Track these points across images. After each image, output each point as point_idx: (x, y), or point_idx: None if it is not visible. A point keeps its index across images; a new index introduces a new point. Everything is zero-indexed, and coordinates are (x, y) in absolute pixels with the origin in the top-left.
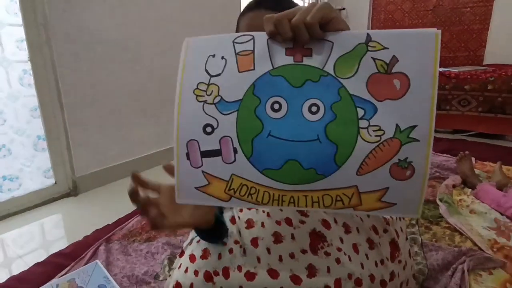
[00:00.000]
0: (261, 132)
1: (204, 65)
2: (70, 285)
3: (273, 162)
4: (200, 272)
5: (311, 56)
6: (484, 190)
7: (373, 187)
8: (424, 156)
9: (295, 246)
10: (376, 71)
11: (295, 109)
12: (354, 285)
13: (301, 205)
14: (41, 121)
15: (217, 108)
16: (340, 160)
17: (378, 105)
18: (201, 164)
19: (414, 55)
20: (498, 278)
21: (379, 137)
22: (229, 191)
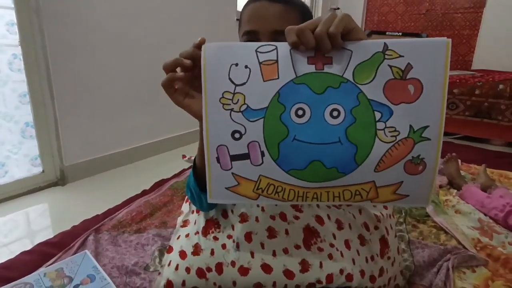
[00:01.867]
0: (287, 137)
1: (228, 74)
2: (58, 274)
3: (298, 163)
4: (192, 269)
5: (331, 64)
6: (469, 191)
7: (389, 182)
8: (435, 152)
9: (289, 241)
10: (392, 77)
11: (317, 114)
12: (345, 280)
13: (323, 200)
14: (30, 108)
15: (244, 116)
16: (360, 159)
17: (394, 108)
18: (231, 167)
19: (427, 62)
20: (481, 275)
21: (395, 137)
22: (257, 190)
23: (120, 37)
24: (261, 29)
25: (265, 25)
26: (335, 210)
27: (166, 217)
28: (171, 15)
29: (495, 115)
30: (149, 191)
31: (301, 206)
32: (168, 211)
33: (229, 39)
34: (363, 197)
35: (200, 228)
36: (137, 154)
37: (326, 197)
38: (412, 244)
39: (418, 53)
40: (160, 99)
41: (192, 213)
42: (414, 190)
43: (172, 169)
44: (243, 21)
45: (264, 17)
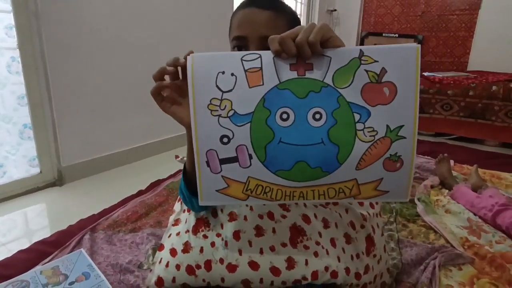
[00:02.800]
0: (273, 140)
1: (215, 82)
2: (54, 272)
3: (284, 164)
4: (182, 266)
5: (312, 70)
6: (460, 191)
7: (370, 179)
8: (410, 150)
9: (275, 239)
10: (368, 81)
11: (301, 118)
12: (330, 277)
13: (309, 198)
14: (28, 110)
15: (232, 121)
16: (342, 158)
17: (371, 109)
18: (221, 170)
19: (400, 66)
20: (467, 273)
21: (373, 137)
22: (246, 191)
23: (118, 39)
24: (250, 34)
25: (254, 31)
26: (322, 210)
27: (161, 217)
28: (168, 16)
29: (489, 116)
30: (145, 191)
31: (289, 206)
32: (163, 211)
33: (226, 40)
34: (346, 194)
35: (190, 226)
36: (134, 155)
37: (312, 195)
38: (401, 243)
39: (392, 58)
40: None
41: (184, 212)
42: (394, 186)
43: (168, 169)
44: (233, 27)
45: (253, 23)
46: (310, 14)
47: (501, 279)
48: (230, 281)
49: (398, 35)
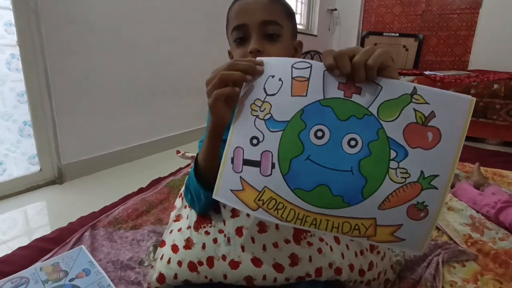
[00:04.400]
0: (301, 154)
1: (264, 84)
2: (54, 269)
3: (305, 183)
4: (184, 263)
5: (359, 95)
6: (462, 189)
7: (389, 222)
8: (439, 202)
9: (279, 236)
10: (414, 121)
11: (336, 140)
12: (334, 274)
13: (321, 228)
14: (28, 107)
15: (266, 124)
16: (367, 193)
17: (409, 151)
18: (241, 170)
19: (450, 114)
20: (470, 269)
21: (405, 179)
22: (258, 201)
23: (118, 37)
24: (250, 21)
25: (253, 17)
26: None
27: (162, 214)
28: (168, 15)
29: (490, 114)
30: (146, 189)
31: None
32: (164, 208)
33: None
34: (361, 233)
35: (192, 222)
36: (134, 153)
37: (325, 226)
38: None
39: (444, 104)
40: (156, 99)
41: (185, 208)
42: (411, 236)
43: (169, 168)
44: (230, 19)
45: (251, 10)
46: (310, 14)
47: (506, 275)
48: (233, 277)
49: (398, 34)
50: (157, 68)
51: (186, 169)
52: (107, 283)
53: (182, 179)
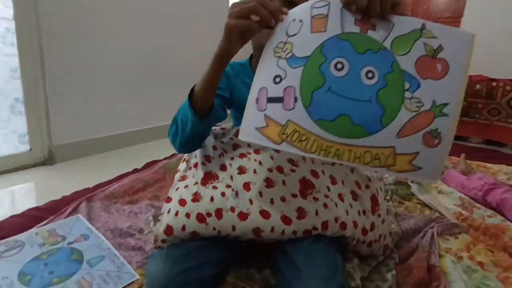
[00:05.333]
0: (322, 86)
1: (286, 28)
2: (51, 234)
3: (327, 114)
4: (192, 215)
5: (374, 31)
6: (451, 175)
7: (407, 150)
8: (450, 129)
9: (286, 190)
10: (424, 53)
11: (355, 72)
12: (339, 229)
13: (344, 159)
14: (21, 83)
15: (288, 62)
16: (386, 121)
17: (421, 82)
18: (265, 108)
19: (456, 48)
20: (463, 241)
21: (419, 108)
22: (282, 134)
23: (116, 20)
24: None
25: None
26: (329, 167)
27: (159, 192)
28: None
29: (473, 113)
30: (141, 170)
31: (297, 161)
32: (161, 187)
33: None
34: (381, 162)
35: (199, 179)
36: (127, 139)
37: (348, 156)
38: (399, 216)
39: (450, 38)
40: (152, 87)
41: (190, 169)
42: (428, 164)
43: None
44: None
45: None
46: None
47: (496, 246)
48: (241, 229)
49: None
50: (154, 55)
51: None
52: (107, 246)
53: (177, 161)
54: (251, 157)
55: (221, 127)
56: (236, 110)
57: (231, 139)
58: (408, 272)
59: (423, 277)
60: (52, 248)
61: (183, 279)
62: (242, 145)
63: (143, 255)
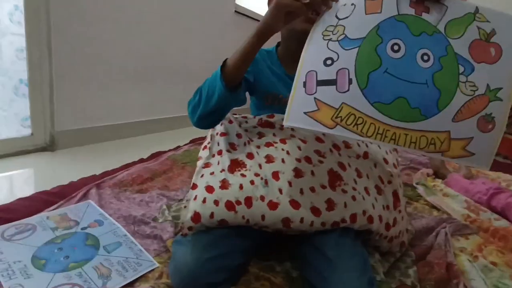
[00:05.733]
0: (379, 68)
1: (336, 13)
2: (62, 218)
3: (384, 96)
4: (221, 202)
5: (428, 14)
6: (454, 179)
7: (462, 135)
8: (504, 113)
9: (315, 181)
10: (478, 37)
11: (411, 54)
12: (366, 222)
13: (400, 143)
14: (26, 64)
15: (340, 44)
16: (442, 105)
17: (475, 65)
18: (315, 91)
19: (508, 32)
20: (474, 242)
21: (473, 92)
22: (336, 118)
23: (124, 7)
24: None
25: None
26: (354, 160)
27: (167, 182)
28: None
29: None
30: (147, 160)
31: (324, 153)
32: (169, 178)
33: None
34: (436, 147)
35: (225, 166)
36: (131, 129)
37: (404, 140)
38: (409, 215)
39: (503, 22)
40: (160, 79)
41: (213, 157)
42: (481, 149)
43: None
44: None
45: None
46: None
47: (506, 248)
48: (270, 219)
49: None
50: (163, 47)
51: (186, 146)
52: (123, 233)
53: (183, 154)
54: (278, 146)
55: (243, 116)
56: (257, 97)
57: (254, 128)
58: (429, 268)
59: (444, 274)
60: (66, 233)
61: (211, 266)
62: (267, 134)
63: (160, 244)
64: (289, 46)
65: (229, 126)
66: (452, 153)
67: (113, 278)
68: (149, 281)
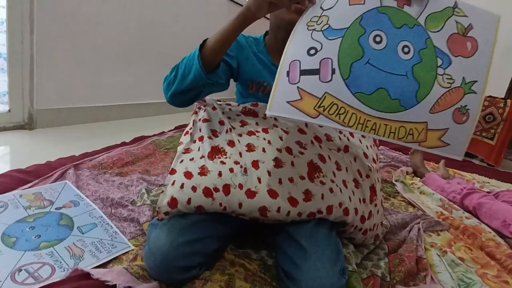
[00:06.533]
0: (361, 58)
1: (320, 4)
2: (36, 197)
3: (366, 86)
4: (198, 188)
5: (410, 6)
6: (431, 178)
7: (438, 126)
8: (478, 106)
9: (294, 172)
10: (456, 31)
11: (392, 45)
12: (342, 214)
13: (379, 133)
14: (6, 37)
15: (324, 34)
16: (420, 96)
17: (452, 59)
18: (298, 80)
19: (484, 27)
20: (445, 238)
21: (450, 84)
22: (319, 108)
23: None
24: None
25: None
26: (335, 153)
27: (149, 167)
28: None
29: None
30: (129, 143)
31: (305, 145)
32: (151, 163)
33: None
34: (414, 138)
35: (206, 153)
36: (113, 113)
37: (383, 131)
38: (386, 211)
39: (479, 17)
40: (146, 61)
41: (194, 142)
42: (455, 140)
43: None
44: None
45: None
46: None
47: (474, 245)
48: (248, 207)
49: None
50: (149, 31)
51: (171, 132)
52: (99, 214)
53: (167, 140)
54: (260, 135)
55: (227, 103)
56: (241, 85)
57: (238, 116)
58: (399, 261)
59: (413, 266)
60: (39, 212)
61: (186, 249)
62: (249, 122)
63: (137, 227)
64: (277, 35)
65: (212, 112)
66: (428, 143)
67: (86, 258)
68: (122, 262)
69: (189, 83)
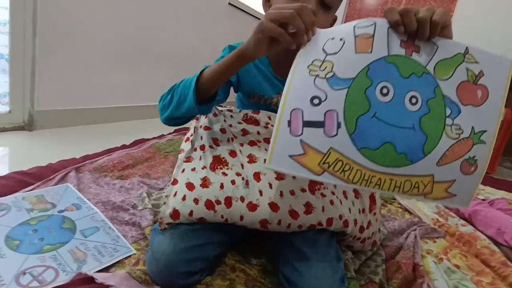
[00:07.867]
0: (367, 112)
1: (323, 46)
2: (39, 200)
3: (372, 141)
4: (200, 201)
5: (418, 53)
6: None
7: (445, 178)
8: (486, 157)
9: (295, 184)
10: (466, 79)
11: (399, 97)
12: (342, 226)
13: (384, 188)
14: (8, 38)
15: (328, 83)
16: (427, 149)
17: (462, 108)
18: (301, 133)
19: (495, 74)
20: (441, 245)
21: (459, 135)
22: (323, 164)
23: None
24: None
25: None
26: None
27: (149, 170)
28: None
29: None
30: (130, 146)
31: None
32: (151, 166)
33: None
34: (419, 191)
35: (208, 163)
36: (113, 115)
37: (388, 185)
38: (383, 217)
39: (490, 63)
40: (146, 65)
41: (195, 151)
42: (462, 191)
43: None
44: None
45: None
46: None
47: (469, 252)
48: (249, 219)
49: None
50: (150, 32)
51: (170, 135)
52: (101, 218)
53: (166, 143)
54: (262, 145)
55: (228, 109)
56: (243, 94)
57: (239, 124)
58: (397, 268)
59: (410, 273)
60: (42, 215)
61: (188, 255)
62: (251, 131)
63: (138, 231)
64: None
65: (214, 119)
66: (434, 195)
67: (89, 262)
68: (125, 267)
69: (183, 112)
